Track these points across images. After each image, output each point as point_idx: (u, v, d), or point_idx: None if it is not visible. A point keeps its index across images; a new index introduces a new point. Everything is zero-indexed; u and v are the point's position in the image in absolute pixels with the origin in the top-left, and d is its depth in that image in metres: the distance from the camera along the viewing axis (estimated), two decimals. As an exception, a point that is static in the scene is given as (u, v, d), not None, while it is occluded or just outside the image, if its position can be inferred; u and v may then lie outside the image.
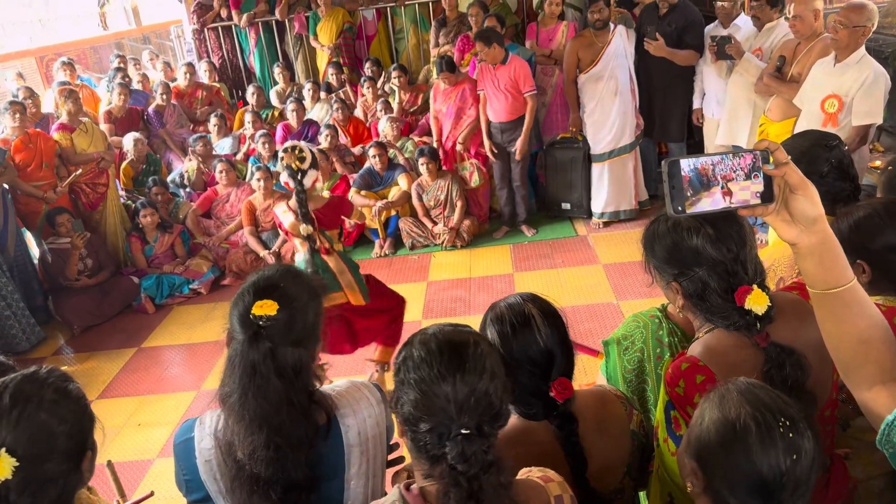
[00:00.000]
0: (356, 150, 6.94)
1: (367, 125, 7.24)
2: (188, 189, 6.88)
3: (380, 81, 7.57)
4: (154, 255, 6.18)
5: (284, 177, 3.66)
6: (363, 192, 6.39)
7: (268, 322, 1.48)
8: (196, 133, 7.22)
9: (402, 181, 6.43)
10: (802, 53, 4.48)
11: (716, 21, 5.52)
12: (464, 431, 1.19)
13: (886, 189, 2.28)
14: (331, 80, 7.75)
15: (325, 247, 3.70)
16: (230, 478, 1.53)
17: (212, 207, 6.60)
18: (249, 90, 7.69)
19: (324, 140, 6.68)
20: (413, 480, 1.32)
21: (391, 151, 6.62)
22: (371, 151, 6.43)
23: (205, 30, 8.49)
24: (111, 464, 2.24)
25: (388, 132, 6.74)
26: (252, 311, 1.49)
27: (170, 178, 6.92)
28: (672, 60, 5.67)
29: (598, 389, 1.77)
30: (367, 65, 7.73)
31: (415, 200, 6.35)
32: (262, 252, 6.06)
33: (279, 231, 5.69)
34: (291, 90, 7.90)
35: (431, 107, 6.46)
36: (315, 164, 3.67)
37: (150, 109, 7.36)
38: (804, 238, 1.19)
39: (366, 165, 6.55)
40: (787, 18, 4.70)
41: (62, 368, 1.51)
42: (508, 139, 6.04)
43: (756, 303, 1.45)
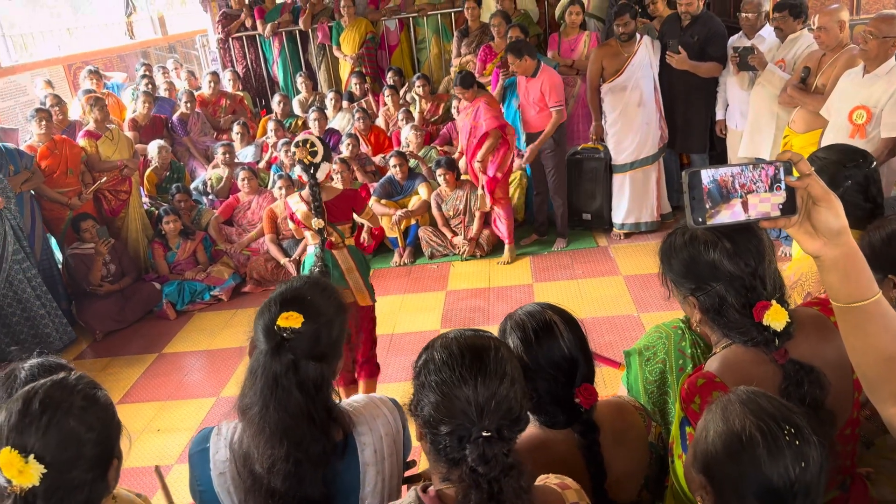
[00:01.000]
0: (377, 160, 6.97)
1: (389, 134, 7.28)
2: (211, 196, 6.95)
3: (402, 91, 7.60)
4: (176, 262, 6.24)
5: (298, 170, 3.70)
6: (383, 201, 6.41)
7: (292, 334, 1.47)
8: (219, 141, 7.30)
9: (423, 191, 6.45)
10: (827, 65, 4.43)
11: (740, 32, 5.47)
12: (485, 434, 1.19)
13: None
14: (353, 90, 7.81)
15: (332, 240, 3.71)
16: (245, 490, 1.52)
17: (233, 215, 6.67)
18: (275, 99, 7.78)
19: (345, 149, 6.72)
20: (430, 483, 1.31)
21: (413, 161, 6.64)
22: (392, 161, 6.46)
23: (229, 39, 8.62)
24: (159, 469, 2.18)
25: (412, 140, 6.77)
26: (277, 323, 1.47)
27: (193, 186, 7.00)
28: (695, 73, 5.64)
29: (617, 400, 1.75)
30: (390, 74, 7.78)
31: (434, 210, 6.36)
32: (283, 260, 6.10)
33: (300, 239, 5.73)
34: (314, 99, 7.96)
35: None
36: (328, 157, 3.70)
37: (175, 117, 7.46)
38: (828, 250, 1.18)
39: (386, 175, 6.59)
40: (811, 29, 4.66)
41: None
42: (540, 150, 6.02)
43: (775, 318, 1.41)
